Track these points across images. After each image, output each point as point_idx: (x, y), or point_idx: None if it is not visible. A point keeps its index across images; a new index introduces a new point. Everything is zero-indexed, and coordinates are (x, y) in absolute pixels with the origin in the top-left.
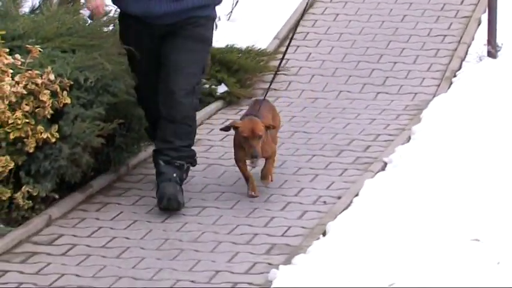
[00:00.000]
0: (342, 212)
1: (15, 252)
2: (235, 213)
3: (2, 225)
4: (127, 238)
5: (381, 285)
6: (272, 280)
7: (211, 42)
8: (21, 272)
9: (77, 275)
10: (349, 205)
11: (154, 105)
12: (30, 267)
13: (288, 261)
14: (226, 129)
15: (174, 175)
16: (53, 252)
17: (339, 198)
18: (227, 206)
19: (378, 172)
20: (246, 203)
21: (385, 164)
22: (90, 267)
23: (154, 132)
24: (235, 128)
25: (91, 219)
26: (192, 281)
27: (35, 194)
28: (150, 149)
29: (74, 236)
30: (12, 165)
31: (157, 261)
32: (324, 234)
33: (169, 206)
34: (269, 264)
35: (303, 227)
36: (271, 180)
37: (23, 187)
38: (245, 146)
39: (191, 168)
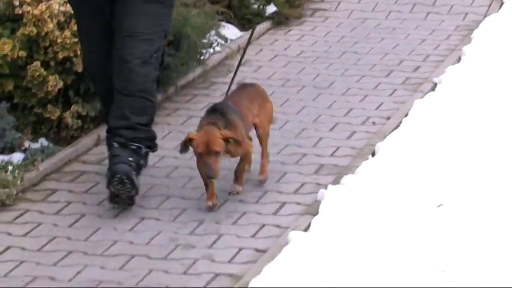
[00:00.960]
0: (390, 132)
1: (64, 171)
2: (283, 133)
3: (51, 145)
4: (175, 158)
5: (430, 206)
6: (320, 200)
7: (173, 3)
8: (71, 191)
9: None
10: (398, 126)
11: (106, 77)
12: (79, 186)
13: (336, 182)
14: (184, 147)
15: (130, 159)
16: (102, 171)
17: (388, 118)
18: (275, 126)
19: (427, 93)
20: (295, 124)
21: (435, 84)
22: (140, 186)
23: (107, 109)
24: (191, 141)
25: None
26: (240, 200)
27: (84, 113)
28: (199, 70)
29: None
30: (61, 84)
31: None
32: (373, 154)
33: (120, 190)
34: (318, 184)
35: (351, 148)
36: (241, 185)
37: (72, 106)
38: (200, 163)
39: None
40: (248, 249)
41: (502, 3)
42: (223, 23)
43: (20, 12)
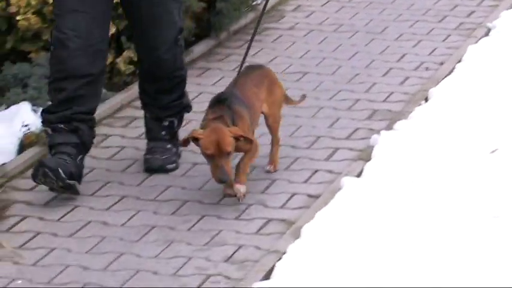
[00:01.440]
0: (444, 78)
1: (116, 116)
2: (336, 79)
3: (104, 90)
4: None
5: (483, 152)
6: (373, 145)
7: None
8: (123, 136)
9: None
10: (451, 71)
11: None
12: (131, 131)
13: (389, 127)
14: (185, 143)
15: (163, 133)
16: None
17: (442, 64)
18: (328, 71)
19: (481, 38)
20: (348, 69)
21: (489, 29)
22: (191, 131)
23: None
24: (195, 140)
25: (192, 84)
26: (292, 146)
27: (135, 59)
28: (251, 16)
29: None
30: (113, 30)
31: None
32: (426, 100)
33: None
34: (370, 130)
35: (404, 93)
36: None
37: (124, 52)
38: (210, 165)
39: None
40: (300, 194)
41: None
42: None
43: None
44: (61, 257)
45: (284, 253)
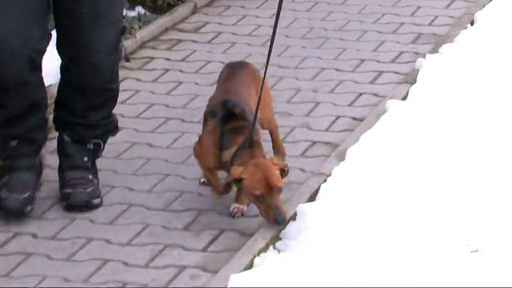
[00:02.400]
0: (490, 1)
1: (161, 39)
2: (381, 2)
3: (148, 13)
4: (271, 26)
5: None
6: (418, 69)
7: None
8: (168, 59)
9: (221, 62)
10: None
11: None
12: (176, 54)
13: (434, 50)
14: (226, 189)
15: (85, 159)
16: (198, 39)
17: None
18: None
19: None
20: None
21: None
22: (236, 55)
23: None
24: (238, 181)
25: (236, 7)
26: (337, 69)
27: None
28: None
29: (219, 24)
30: None
31: (303, 49)
32: (472, 23)
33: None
34: (415, 53)
35: (450, 16)
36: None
37: None
38: (259, 206)
39: None
40: (345, 117)
41: None
42: None
43: None
44: (106, 179)
45: (329, 175)
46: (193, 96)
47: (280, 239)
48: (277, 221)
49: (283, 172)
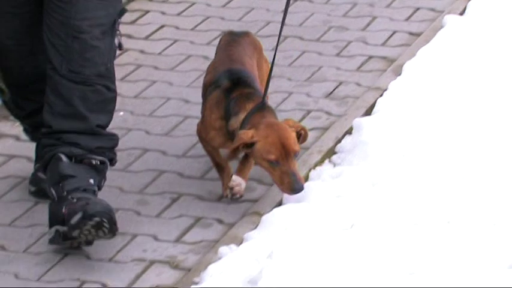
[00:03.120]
0: None
1: None
2: None
3: None
4: None
5: None
6: None
7: None
8: None
9: None
10: None
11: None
12: None
13: None
14: (233, 154)
15: (91, 181)
16: None
17: None
18: None
19: None
20: None
21: None
22: None
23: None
24: (248, 146)
25: None
26: None
27: None
28: None
29: None
30: None
31: None
32: None
33: (92, 236)
34: None
35: None
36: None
37: None
38: (273, 173)
39: None
40: (402, 32)
41: None
42: None
43: None
44: (162, 91)
45: (385, 90)
46: (248, 10)
47: (335, 152)
48: (294, 189)
49: (300, 136)
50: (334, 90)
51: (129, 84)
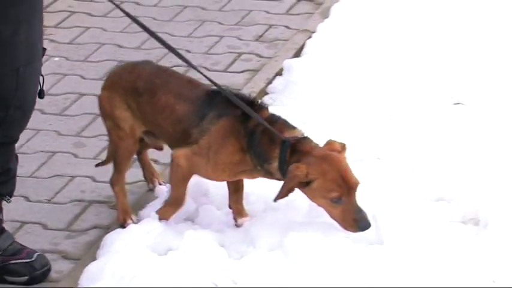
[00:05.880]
0: None
1: None
2: None
3: None
4: None
5: None
6: None
7: None
8: None
9: None
10: None
11: None
12: None
13: None
14: (288, 192)
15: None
16: None
17: None
18: None
19: None
20: None
21: None
22: None
23: None
24: (303, 185)
25: None
26: None
27: None
28: None
29: None
30: None
31: None
32: None
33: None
34: None
35: None
36: None
37: None
38: (332, 211)
39: None
40: None
41: None
42: None
43: None
44: (96, 36)
45: (313, 32)
46: None
47: (267, 93)
48: (362, 227)
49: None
50: (264, 33)
51: (64, 31)
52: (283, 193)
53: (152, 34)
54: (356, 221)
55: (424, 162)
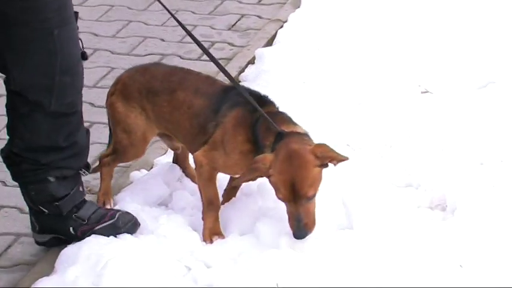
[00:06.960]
0: None
1: None
2: None
3: None
4: None
5: None
6: None
7: None
8: None
9: None
10: None
11: None
12: None
13: None
14: (242, 181)
15: (80, 189)
16: None
17: None
18: None
19: None
20: None
21: None
22: None
23: None
24: (268, 176)
25: None
26: None
27: None
28: None
29: None
30: None
31: None
32: None
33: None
34: None
35: None
36: None
37: None
38: (286, 208)
39: None
40: None
41: None
42: None
43: None
44: None
45: (285, 21)
46: None
47: (239, 81)
48: (295, 235)
49: (326, 166)
50: (236, 22)
51: None
52: (242, 180)
53: (186, 31)
54: (293, 227)
55: (393, 149)
